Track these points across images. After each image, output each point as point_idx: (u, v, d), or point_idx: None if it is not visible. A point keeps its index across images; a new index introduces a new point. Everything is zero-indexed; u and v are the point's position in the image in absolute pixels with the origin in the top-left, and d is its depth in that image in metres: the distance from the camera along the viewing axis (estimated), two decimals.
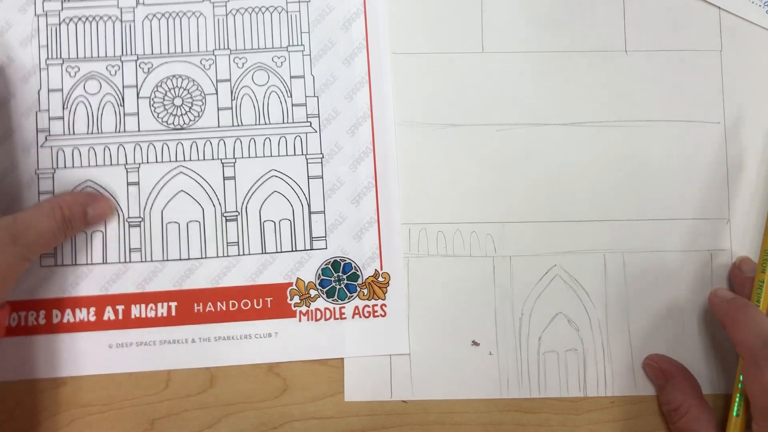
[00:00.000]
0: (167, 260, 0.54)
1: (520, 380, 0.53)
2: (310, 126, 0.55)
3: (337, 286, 0.54)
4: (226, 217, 0.54)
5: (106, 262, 0.54)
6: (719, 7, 0.57)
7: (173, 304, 0.53)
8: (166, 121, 0.55)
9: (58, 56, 0.55)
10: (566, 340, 0.54)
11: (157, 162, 0.55)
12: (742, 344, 0.47)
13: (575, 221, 0.55)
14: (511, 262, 0.54)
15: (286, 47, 0.56)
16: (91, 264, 0.54)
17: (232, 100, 0.55)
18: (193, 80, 0.55)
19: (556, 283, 0.54)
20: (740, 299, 0.50)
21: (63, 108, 0.55)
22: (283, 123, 0.55)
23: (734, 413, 0.49)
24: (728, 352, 0.53)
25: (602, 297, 0.54)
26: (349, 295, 0.54)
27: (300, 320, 0.54)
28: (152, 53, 0.56)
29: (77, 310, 0.53)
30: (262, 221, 0.54)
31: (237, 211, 0.54)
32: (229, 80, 0.55)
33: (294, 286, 0.54)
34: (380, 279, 0.54)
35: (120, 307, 0.53)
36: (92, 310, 0.53)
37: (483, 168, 0.55)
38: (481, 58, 0.56)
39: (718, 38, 0.57)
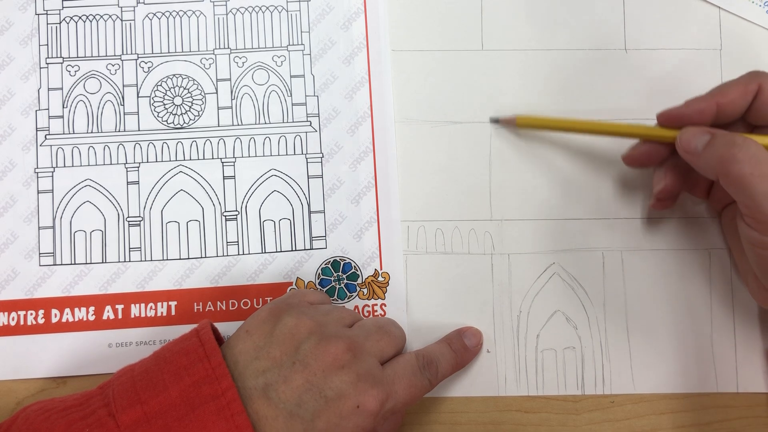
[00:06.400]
0: (167, 259, 0.54)
1: (518, 378, 0.53)
2: (310, 125, 0.55)
3: (337, 286, 0.54)
4: (225, 216, 0.54)
5: (106, 262, 0.54)
6: (719, 7, 0.57)
7: (173, 304, 0.53)
8: (166, 121, 0.55)
9: (58, 55, 0.55)
10: (564, 338, 0.54)
11: (157, 161, 0.54)
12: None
13: (574, 219, 0.55)
14: (510, 260, 0.54)
15: (286, 46, 0.56)
16: (91, 263, 0.53)
17: (232, 99, 0.55)
18: (193, 79, 0.55)
19: (555, 281, 0.54)
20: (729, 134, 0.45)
21: (63, 107, 0.55)
22: (283, 122, 0.55)
23: None
24: (727, 352, 0.54)
25: (600, 295, 0.54)
26: (348, 294, 0.54)
27: None
28: (152, 52, 0.55)
29: (77, 310, 0.53)
30: (261, 221, 0.54)
31: (237, 211, 0.54)
32: (229, 79, 0.55)
33: (294, 286, 0.54)
34: (380, 279, 0.54)
35: (120, 307, 0.53)
36: (92, 309, 0.53)
37: (482, 165, 0.55)
38: (481, 56, 0.56)
39: (718, 38, 0.57)
